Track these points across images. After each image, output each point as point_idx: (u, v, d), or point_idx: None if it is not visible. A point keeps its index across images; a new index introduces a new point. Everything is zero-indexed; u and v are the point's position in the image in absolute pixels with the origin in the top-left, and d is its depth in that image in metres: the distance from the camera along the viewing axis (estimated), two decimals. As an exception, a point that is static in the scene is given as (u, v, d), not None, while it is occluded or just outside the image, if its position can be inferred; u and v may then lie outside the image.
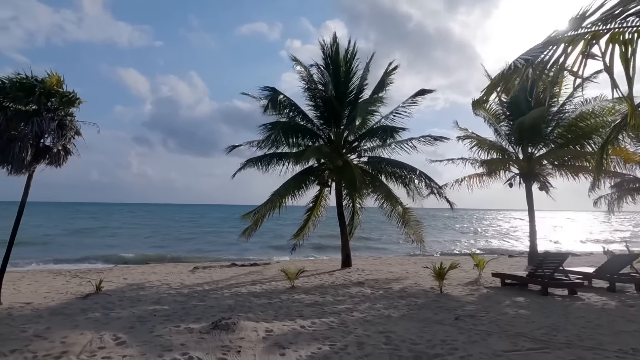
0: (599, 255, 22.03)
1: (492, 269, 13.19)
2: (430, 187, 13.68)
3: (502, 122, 16.51)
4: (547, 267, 9.17)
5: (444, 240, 35.21)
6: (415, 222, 13.61)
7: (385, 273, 12.71)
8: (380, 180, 13.75)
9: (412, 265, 16.11)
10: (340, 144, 14.47)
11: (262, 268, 15.06)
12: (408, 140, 14.16)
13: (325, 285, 10.19)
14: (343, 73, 14.11)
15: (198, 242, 31.16)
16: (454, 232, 47.21)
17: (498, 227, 60.83)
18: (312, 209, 15.91)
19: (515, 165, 16.10)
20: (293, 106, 14.06)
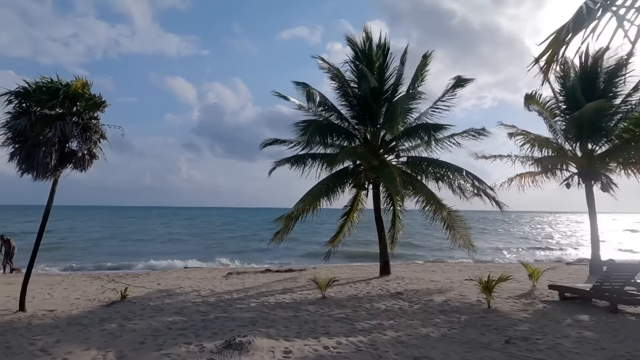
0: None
1: (548, 279, 11.88)
2: (477, 187, 12.56)
3: (557, 118, 15.02)
4: (615, 280, 7.91)
5: (492, 246, 33.22)
6: (461, 225, 12.52)
7: (427, 282, 11.74)
8: (421, 182, 12.78)
9: (457, 274, 14.96)
10: (377, 144, 13.65)
11: (298, 274, 14.49)
12: (449, 137, 13.12)
13: (359, 296, 9.43)
14: (377, 69, 13.29)
15: (237, 246, 31.21)
16: (503, 236, 44.62)
17: (553, 230, 57.01)
18: (349, 213, 15.18)
19: (574, 163, 14.56)
20: (327, 104, 13.42)
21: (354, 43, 13.52)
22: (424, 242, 32.03)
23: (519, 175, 15.34)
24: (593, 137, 14.08)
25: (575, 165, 14.55)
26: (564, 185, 14.60)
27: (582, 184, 14.36)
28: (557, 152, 14.71)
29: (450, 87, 12.89)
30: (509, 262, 20.74)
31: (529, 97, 14.23)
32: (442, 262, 20.55)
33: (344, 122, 13.65)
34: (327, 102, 13.35)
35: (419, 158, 13.29)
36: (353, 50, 13.61)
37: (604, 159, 14.05)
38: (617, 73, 14.01)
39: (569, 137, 14.68)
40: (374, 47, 13.41)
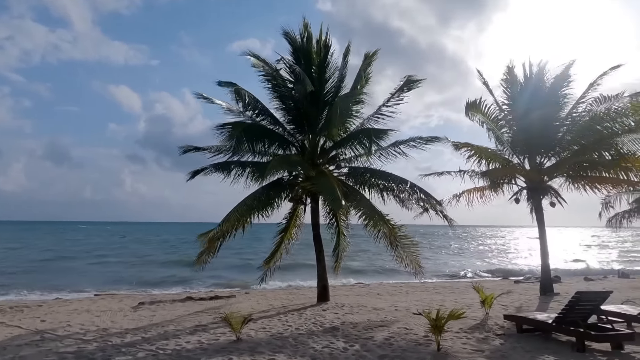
0: (615, 280, 19.67)
1: (501, 304, 10.76)
2: (424, 201, 11.35)
3: (504, 129, 14.29)
4: (580, 312, 6.77)
5: (441, 262, 32.71)
6: (408, 243, 11.20)
7: (369, 311, 10.23)
8: (363, 195, 11.38)
9: (404, 297, 13.64)
10: (316, 152, 12.14)
11: (224, 302, 12.53)
12: (394, 146, 11.88)
13: (284, 335, 7.69)
14: (317, 68, 11.88)
15: (167, 266, 28.29)
16: (451, 252, 44.71)
17: (502, 246, 58.25)
18: (285, 230, 13.48)
19: (522, 177, 13.82)
20: (259, 107, 11.76)
21: (291, 38, 12.03)
22: (373, 260, 30.81)
23: (468, 190, 14.44)
24: (541, 149, 13.43)
25: (524, 179, 13.82)
26: (513, 200, 13.82)
27: (531, 198, 13.64)
28: (505, 166, 13.94)
29: (399, 87, 11.70)
30: (458, 282, 19.83)
31: (472, 105, 13.37)
32: (389, 282, 19.29)
33: (278, 128, 12.05)
34: (259, 105, 11.69)
35: (362, 168, 11.93)
36: (291, 46, 12.12)
37: (552, 172, 13.41)
38: (562, 84, 13.53)
39: (516, 150, 13.98)
40: (313, 43, 12.00)
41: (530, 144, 13.41)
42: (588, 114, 12.59)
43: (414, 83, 11.66)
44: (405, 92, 11.86)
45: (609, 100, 12.03)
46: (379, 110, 12.13)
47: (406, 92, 11.88)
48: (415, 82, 11.67)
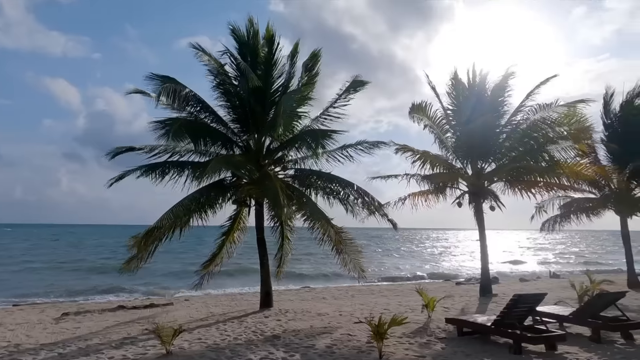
0: (547, 280, 20.79)
1: (444, 307, 10.88)
2: (369, 205, 11.27)
3: (448, 134, 14.63)
4: (517, 314, 6.87)
5: (387, 265, 33.21)
6: (352, 247, 11.05)
7: (313, 317, 9.94)
8: (309, 198, 11.10)
9: (350, 301, 13.51)
10: (262, 153, 11.71)
11: (160, 311, 11.76)
12: (343, 149, 11.74)
13: (221, 346, 7.20)
14: (263, 65, 11.47)
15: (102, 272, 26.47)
16: (397, 255, 45.66)
17: (446, 248, 60.33)
18: (228, 232, 12.91)
19: (464, 181, 14.18)
20: (201, 104, 11.16)
21: (238, 34, 11.54)
22: (320, 263, 30.65)
23: (412, 194, 14.60)
24: (482, 155, 13.85)
25: (466, 184, 14.19)
26: (456, 204, 14.14)
27: (473, 202, 14.01)
28: (448, 170, 14.25)
29: (346, 88, 11.57)
30: (403, 284, 20.09)
31: (417, 107, 13.54)
32: (335, 286, 19.15)
33: (221, 126, 11.50)
34: (200, 102, 11.08)
35: (308, 171, 11.65)
36: (237, 42, 11.64)
37: (492, 177, 13.86)
38: (502, 93, 14.04)
39: (459, 155, 14.34)
40: (260, 40, 11.59)
41: (472, 149, 13.78)
42: (525, 122, 13.15)
43: (361, 84, 11.61)
44: (353, 93, 11.79)
45: (544, 110, 12.61)
46: (326, 112, 11.95)
47: (353, 94, 11.82)
48: (362, 83, 11.62)
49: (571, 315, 7.72)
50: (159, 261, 13.90)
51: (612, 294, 7.69)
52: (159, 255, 12.09)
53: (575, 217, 16.53)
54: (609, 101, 15.72)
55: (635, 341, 7.11)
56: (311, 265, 29.71)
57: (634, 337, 7.22)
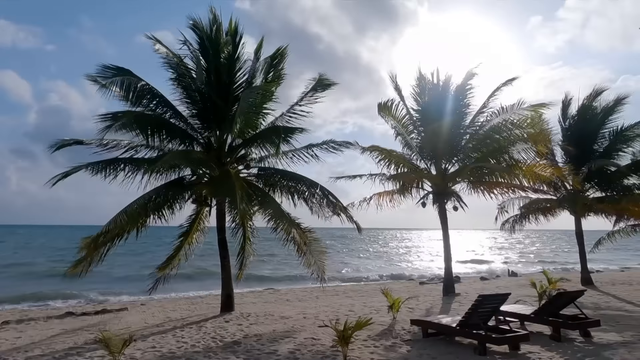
0: (506, 279, 21.36)
1: (408, 308, 10.81)
2: (333, 205, 11.06)
3: (413, 134, 14.68)
4: (482, 314, 6.83)
5: (353, 265, 33.20)
6: (317, 248, 10.79)
7: (276, 320, 9.60)
8: (271, 197, 10.75)
9: (314, 302, 13.30)
10: (224, 150, 11.25)
11: (113, 317, 11.08)
12: (308, 148, 11.50)
13: (176, 355, 6.75)
14: (226, 60, 11.03)
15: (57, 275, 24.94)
16: (362, 255, 45.87)
17: (410, 248, 61.16)
18: (187, 233, 12.34)
19: (429, 181, 14.26)
20: (159, 98, 10.57)
21: (199, 27, 11.01)
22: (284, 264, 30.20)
23: (378, 194, 14.55)
24: (446, 155, 13.96)
25: (430, 184, 14.28)
26: (420, 204, 14.19)
27: (436, 202, 14.10)
28: (412, 170, 14.29)
29: (311, 86, 11.33)
30: (368, 284, 20.04)
31: (384, 106, 13.53)
32: (299, 288, 18.84)
33: (180, 121, 10.95)
34: (157, 94, 10.50)
35: (272, 170, 11.31)
36: (198, 36, 11.10)
37: (455, 177, 14.00)
38: (465, 94, 14.22)
39: (423, 155, 14.42)
40: (223, 35, 11.13)
41: (436, 149, 13.86)
42: (488, 123, 13.35)
43: (327, 85, 11.43)
44: (320, 92, 11.57)
45: (506, 112, 12.84)
46: (291, 109, 11.65)
47: (320, 92, 11.60)
48: (327, 81, 11.43)
49: (533, 314, 7.79)
50: (115, 264, 13.08)
51: (571, 293, 7.83)
52: (115, 257, 11.42)
53: (533, 217, 17.03)
54: (567, 105, 16.28)
55: (593, 339, 7.24)
56: (275, 266, 29.25)
57: (592, 335, 7.37)
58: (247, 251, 13.09)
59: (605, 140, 15.82)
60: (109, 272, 20.52)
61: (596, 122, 15.75)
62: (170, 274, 12.16)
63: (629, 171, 15.01)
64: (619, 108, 15.65)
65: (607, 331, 7.64)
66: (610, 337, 7.29)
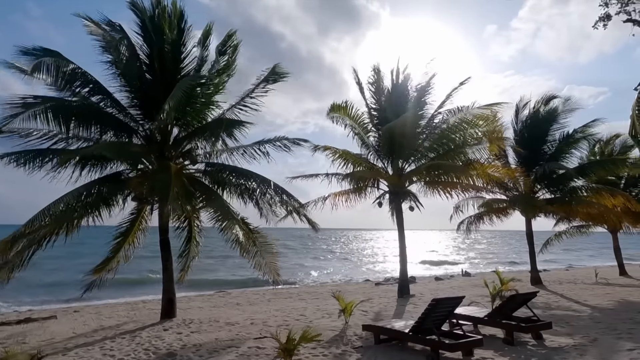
0: (460, 279, 21.60)
1: (363, 308, 10.43)
2: (287, 204, 10.50)
3: (371, 132, 14.38)
4: (435, 319, 6.49)
5: (309, 266, 32.70)
6: (267, 249, 10.16)
7: (221, 327, 8.90)
8: (218, 195, 10.02)
9: (266, 306, 12.66)
10: (167, 144, 10.41)
11: (37, 326, 9.95)
12: (260, 144, 10.83)
13: (97, 372, 5.96)
14: (170, 46, 10.20)
15: None
16: (320, 256, 45.49)
17: (365, 248, 61.45)
18: (126, 233, 11.33)
19: (385, 181, 14.00)
20: (92, 84, 9.59)
21: (139, 9, 10.10)
22: (238, 265, 29.19)
23: (334, 193, 14.13)
24: (403, 154, 13.74)
25: (387, 183, 14.02)
26: (377, 204, 13.91)
27: (393, 202, 13.87)
28: (369, 169, 13.99)
29: (264, 77, 10.67)
30: (324, 286, 19.59)
31: (338, 107, 13.16)
32: (252, 290, 18.10)
33: (117, 111, 10.00)
34: (91, 81, 9.51)
35: (220, 165, 10.56)
36: (139, 18, 10.19)
37: (411, 177, 13.82)
38: (423, 94, 14.08)
39: (380, 154, 14.16)
40: (167, 18, 10.26)
41: (393, 148, 13.61)
42: (445, 122, 13.24)
43: (281, 76, 10.83)
44: (272, 83, 10.94)
45: (462, 111, 12.77)
46: (242, 102, 10.95)
47: (272, 85, 10.97)
48: (282, 74, 10.85)
49: (486, 317, 7.57)
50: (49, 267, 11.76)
51: (524, 295, 7.67)
52: (50, 260, 10.24)
53: (487, 218, 17.22)
54: (521, 109, 16.56)
55: (545, 341, 7.10)
56: (230, 268, 28.27)
57: (544, 337, 7.23)
58: (193, 252, 12.30)
59: (555, 142, 16.22)
60: (42, 278, 18.91)
61: (546, 126, 16.11)
62: (107, 278, 11.09)
63: (576, 174, 15.42)
64: (567, 112, 16.08)
65: (558, 333, 7.54)
66: (562, 339, 7.17)
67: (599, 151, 19.77)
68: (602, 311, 9.96)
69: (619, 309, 10.23)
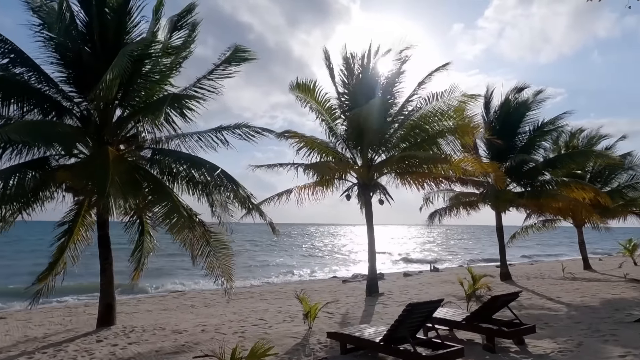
0: (428, 275, 21.16)
1: (329, 309, 9.55)
2: (243, 200, 9.40)
3: (338, 120, 13.49)
4: (410, 325, 5.66)
5: (270, 263, 31.50)
6: (220, 249, 9.05)
7: (166, 335, 7.78)
8: (165, 188, 8.75)
9: (223, 308, 11.62)
10: (108, 126, 9.08)
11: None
12: (216, 132, 9.64)
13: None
14: (113, 14, 8.86)
15: None
16: (285, 252, 44.39)
17: (335, 244, 60.65)
18: (69, 231, 9.89)
19: (354, 173, 13.15)
20: (15, 53, 8.17)
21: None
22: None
23: (299, 187, 13.15)
24: (373, 144, 12.94)
25: (356, 175, 13.18)
26: (345, 197, 13.06)
27: (362, 195, 13.06)
28: (337, 160, 13.10)
29: (225, 58, 9.47)
30: (288, 285, 18.59)
31: (302, 85, 12.21)
32: (211, 290, 16.87)
33: (47, 87, 8.61)
34: (14, 50, 8.11)
35: (167, 151, 9.31)
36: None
37: (381, 168, 13.03)
38: (395, 79, 13.31)
39: (349, 144, 13.30)
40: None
41: (362, 138, 12.77)
42: (417, 111, 12.51)
43: (243, 58, 9.67)
44: (235, 65, 9.76)
45: (436, 100, 12.07)
46: (198, 83, 9.70)
47: (236, 67, 9.80)
48: (244, 53, 9.70)
49: (464, 320, 6.83)
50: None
51: (506, 296, 6.99)
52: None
53: (456, 211, 16.76)
54: (489, 99, 16.10)
55: (528, 347, 6.44)
56: (190, 266, 26.77)
57: (526, 342, 6.57)
58: (147, 248, 11.02)
59: (526, 134, 15.89)
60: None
61: (517, 117, 15.73)
62: (54, 283, 9.60)
63: (545, 167, 15.13)
64: (538, 103, 15.76)
65: (539, 337, 6.89)
66: (545, 344, 6.52)
67: (563, 145, 19.75)
68: (578, 309, 9.51)
69: (594, 306, 9.82)
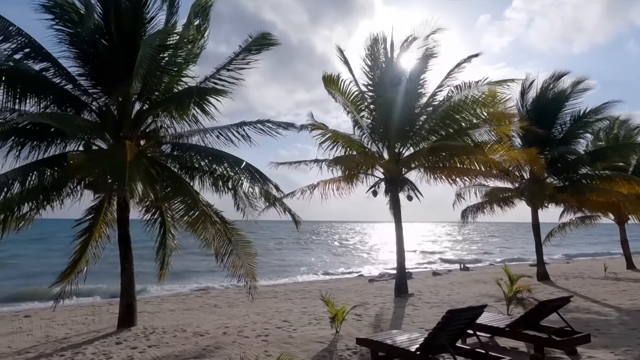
0: (459, 274, 20.33)
1: (356, 312, 9.02)
2: (267, 194, 9.01)
3: (363, 112, 12.88)
4: (449, 333, 5.09)
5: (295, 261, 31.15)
6: (243, 247, 8.65)
7: (187, 338, 7.44)
8: (185, 182, 8.44)
9: (246, 308, 11.25)
10: (128, 121, 8.81)
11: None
12: (237, 127, 9.25)
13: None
14: (129, 3, 8.57)
15: None
16: (309, 251, 43.95)
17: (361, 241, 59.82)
18: (90, 228, 9.68)
19: (381, 167, 12.54)
20: (32, 47, 7.97)
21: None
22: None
23: (323, 182, 12.61)
24: (400, 137, 12.29)
25: (382, 170, 12.57)
26: (371, 193, 12.47)
27: (389, 191, 12.43)
28: (362, 153, 12.51)
29: (246, 46, 9.09)
30: (313, 284, 18.14)
31: (329, 79, 11.71)
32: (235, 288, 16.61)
33: (65, 81, 8.40)
34: (30, 43, 7.90)
35: (187, 145, 8.99)
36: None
37: (409, 163, 12.37)
38: (423, 69, 12.60)
39: (375, 137, 12.70)
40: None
41: (389, 131, 12.14)
42: (447, 101, 11.79)
43: (266, 43, 9.26)
44: (255, 53, 9.37)
45: (468, 88, 11.32)
46: (217, 74, 9.34)
47: (255, 55, 9.41)
48: (268, 41, 9.28)
49: (507, 327, 6.18)
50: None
51: (555, 301, 6.29)
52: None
53: (490, 208, 15.92)
54: (527, 89, 15.14)
55: (580, 357, 5.76)
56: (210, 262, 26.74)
57: (579, 352, 5.89)
58: (170, 246, 10.81)
59: (565, 125, 14.88)
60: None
61: (556, 106, 14.72)
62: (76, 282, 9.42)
63: (590, 160, 14.08)
64: (579, 93, 14.71)
65: (594, 346, 6.18)
66: (601, 354, 5.83)
67: (604, 137, 18.57)
68: (630, 314, 8.68)
69: (648, 311, 8.95)
